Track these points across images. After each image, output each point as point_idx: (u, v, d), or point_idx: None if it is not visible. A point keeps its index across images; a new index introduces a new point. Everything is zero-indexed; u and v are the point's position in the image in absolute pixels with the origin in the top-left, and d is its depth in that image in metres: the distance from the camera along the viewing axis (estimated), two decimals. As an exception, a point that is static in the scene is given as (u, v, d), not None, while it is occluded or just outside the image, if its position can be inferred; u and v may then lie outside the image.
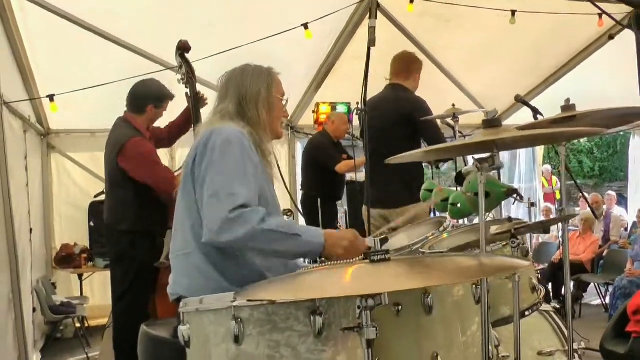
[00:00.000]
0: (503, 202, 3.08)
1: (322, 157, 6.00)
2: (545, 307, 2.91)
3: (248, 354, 1.71)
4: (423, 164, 4.72)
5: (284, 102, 2.54)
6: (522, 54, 6.99)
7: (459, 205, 2.84)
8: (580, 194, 5.33)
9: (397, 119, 4.21)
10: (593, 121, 2.65)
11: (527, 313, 2.53)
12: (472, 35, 6.56)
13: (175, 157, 6.87)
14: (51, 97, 5.10)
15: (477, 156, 1.99)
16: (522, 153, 8.48)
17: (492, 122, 1.82)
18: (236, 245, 2.08)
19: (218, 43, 5.19)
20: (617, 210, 9.09)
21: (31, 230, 5.50)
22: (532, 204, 4.92)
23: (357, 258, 1.91)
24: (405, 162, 3.90)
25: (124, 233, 3.96)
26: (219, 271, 2.18)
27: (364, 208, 4.27)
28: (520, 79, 7.48)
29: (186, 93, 3.93)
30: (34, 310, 5.39)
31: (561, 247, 6.63)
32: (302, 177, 6.35)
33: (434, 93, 7.16)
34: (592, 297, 7.52)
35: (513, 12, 6.03)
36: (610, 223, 7.97)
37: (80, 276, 6.61)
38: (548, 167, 11.45)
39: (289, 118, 7.44)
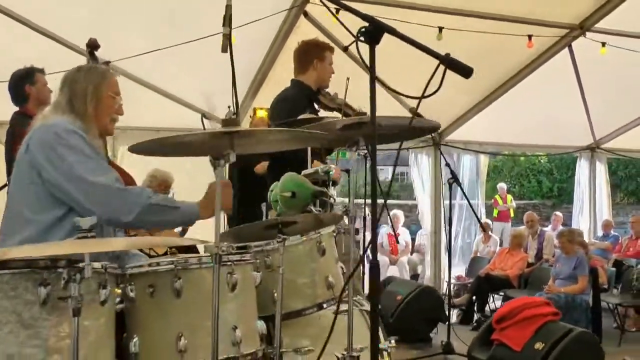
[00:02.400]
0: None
1: (242, 158, 6.10)
2: (365, 307, 3.02)
3: (-19, 319, 1.86)
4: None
5: (116, 100, 2.72)
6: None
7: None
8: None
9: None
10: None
11: (324, 306, 2.69)
12: (403, 49, 6.68)
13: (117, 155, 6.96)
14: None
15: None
16: (466, 169, 8.60)
17: (229, 121, 1.96)
18: (136, 223, 2.45)
19: (154, 41, 5.38)
20: (561, 231, 9.19)
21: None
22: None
23: None
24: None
25: None
26: None
27: None
28: (459, 96, 7.61)
29: None
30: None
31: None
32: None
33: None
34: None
35: (440, 29, 6.16)
36: (544, 241, 8.08)
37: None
38: (503, 185, 11.58)
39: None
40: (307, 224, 2.49)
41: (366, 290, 4.18)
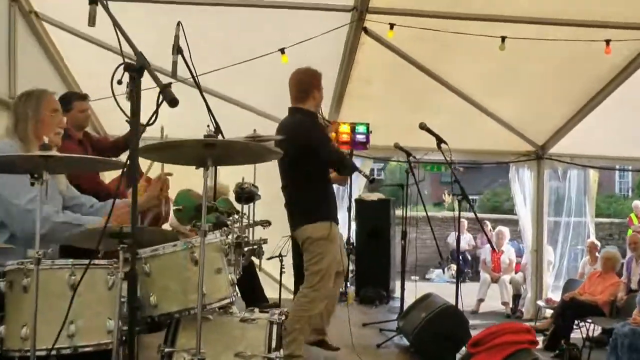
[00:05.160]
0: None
1: None
2: (273, 317, 3.13)
3: None
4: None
5: (56, 116, 3.18)
6: (545, 80, 6.73)
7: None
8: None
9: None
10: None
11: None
12: (481, 61, 6.48)
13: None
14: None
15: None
16: (573, 184, 7.99)
17: (44, 146, 2.29)
18: (47, 237, 2.80)
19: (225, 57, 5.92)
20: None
21: None
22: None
23: None
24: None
25: None
26: None
27: None
28: (555, 108, 7.16)
29: None
30: None
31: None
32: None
33: (459, 120, 7.16)
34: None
35: (503, 39, 5.90)
36: (648, 266, 7.20)
37: None
38: (639, 203, 10.41)
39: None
40: (154, 237, 2.73)
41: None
